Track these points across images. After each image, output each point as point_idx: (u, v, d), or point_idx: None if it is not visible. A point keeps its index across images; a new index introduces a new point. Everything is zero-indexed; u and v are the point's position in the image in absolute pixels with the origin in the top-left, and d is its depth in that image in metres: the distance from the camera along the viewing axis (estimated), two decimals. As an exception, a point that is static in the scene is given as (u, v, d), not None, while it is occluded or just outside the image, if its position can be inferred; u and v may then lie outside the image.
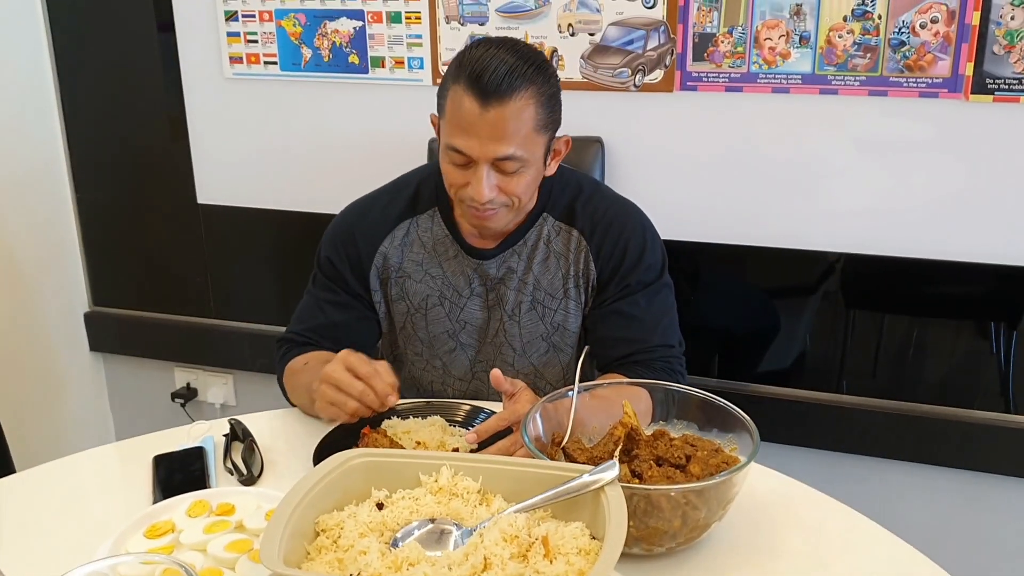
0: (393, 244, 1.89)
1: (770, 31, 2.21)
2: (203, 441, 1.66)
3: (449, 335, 1.91)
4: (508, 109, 1.62)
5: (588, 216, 1.85)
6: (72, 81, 2.95)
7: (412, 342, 1.94)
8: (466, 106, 1.62)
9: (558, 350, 1.91)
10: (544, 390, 1.91)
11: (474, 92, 1.61)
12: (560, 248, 1.86)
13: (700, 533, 1.33)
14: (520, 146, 1.65)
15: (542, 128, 1.68)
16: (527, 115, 1.64)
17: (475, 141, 1.64)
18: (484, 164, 1.66)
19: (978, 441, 2.37)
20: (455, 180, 1.72)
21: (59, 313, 3.14)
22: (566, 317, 1.88)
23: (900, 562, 1.36)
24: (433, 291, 1.89)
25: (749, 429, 1.40)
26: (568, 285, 1.86)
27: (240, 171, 2.83)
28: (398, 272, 1.90)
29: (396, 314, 1.93)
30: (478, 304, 1.90)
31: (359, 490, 1.27)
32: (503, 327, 1.89)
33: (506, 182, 1.69)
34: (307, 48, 2.60)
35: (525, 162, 1.68)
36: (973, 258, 2.26)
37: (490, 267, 1.87)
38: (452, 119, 1.66)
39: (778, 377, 2.53)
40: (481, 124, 1.62)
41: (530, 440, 1.37)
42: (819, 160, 2.29)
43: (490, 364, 1.91)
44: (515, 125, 1.63)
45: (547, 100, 1.67)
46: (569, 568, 1.10)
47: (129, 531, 1.35)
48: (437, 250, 1.89)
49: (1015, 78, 2.08)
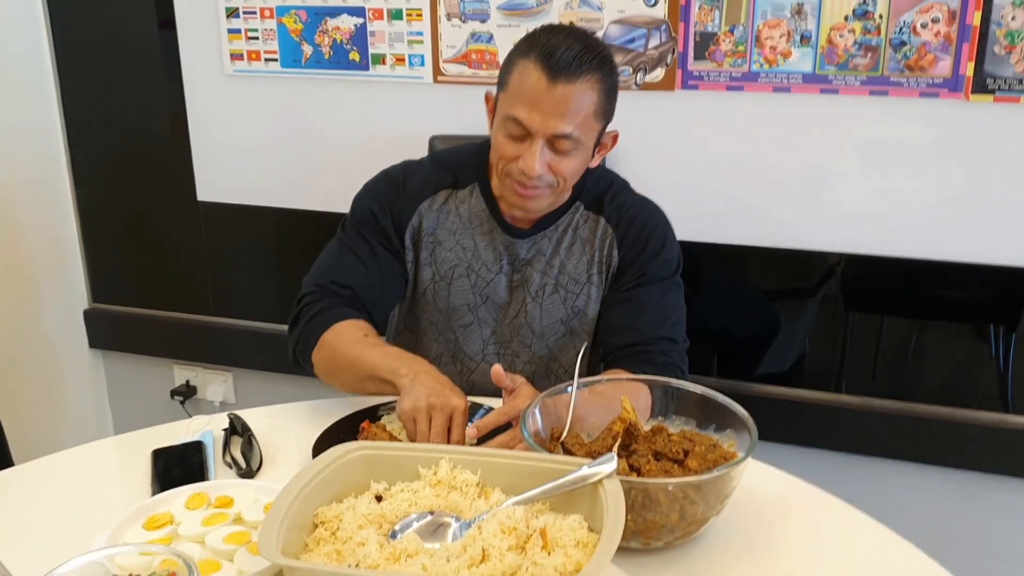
0: (431, 208, 1.92)
1: (771, 30, 2.21)
2: (202, 435, 1.66)
3: (469, 308, 1.93)
4: (574, 89, 1.66)
5: (616, 207, 1.91)
6: (73, 78, 2.95)
7: (430, 310, 1.95)
8: (533, 79, 1.66)
9: (575, 335, 1.93)
10: (557, 374, 1.94)
11: (544, 67, 1.65)
12: (587, 235, 1.90)
13: (698, 528, 1.33)
14: (578, 127, 1.70)
15: (600, 115, 1.74)
16: (589, 99, 1.69)
17: (537, 115, 1.68)
18: (540, 139, 1.70)
19: (977, 442, 2.37)
20: (507, 152, 1.74)
21: (59, 310, 3.14)
22: (587, 302, 1.91)
23: (898, 558, 1.36)
24: (462, 261, 1.91)
25: (747, 425, 1.40)
26: (592, 271, 1.90)
27: (240, 168, 2.84)
28: (431, 237, 1.92)
29: (421, 279, 1.94)
30: (503, 283, 1.92)
31: (358, 483, 1.27)
32: (525, 308, 1.91)
33: (557, 161, 1.73)
34: (308, 45, 2.61)
35: (579, 144, 1.73)
36: (972, 259, 2.26)
37: (521, 247, 1.90)
38: (516, 91, 1.70)
39: (778, 378, 2.53)
40: (546, 99, 1.66)
41: (529, 435, 1.37)
42: (819, 160, 2.30)
43: (504, 345, 1.94)
44: (577, 106, 1.68)
45: (608, 90, 1.73)
46: (567, 560, 1.10)
47: (127, 523, 1.35)
48: (472, 222, 1.91)
49: (1016, 78, 2.08)
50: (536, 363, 1.94)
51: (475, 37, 2.45)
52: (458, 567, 1.09)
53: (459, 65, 2.49)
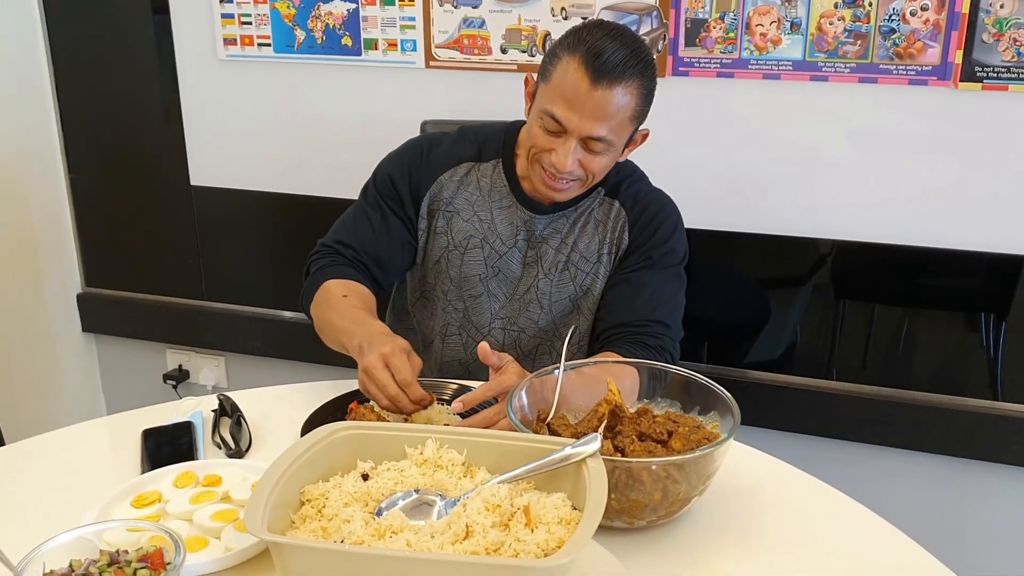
0: (452, 179, 1.95)
1: (761, 17, 2.22)
2: (192, 416, 1.68)
3: (480, 279, 1.96)
4: (614, 93, 1.69)
5: (632, 194, 1.95)
6: (66, 63, 2.95)
7: (442, 279, 1.98)
8: (576, 79, 1.69)
9: (580, 313, 1.96)
10: (559, 350, 1.94)
11: (588, 68, 1.68)
12: (601, 216, 1.94)
13: (681, 507, 1.35)
14: (612, 131, 1.73)
15: (635, 119, 1.77)
16: (627, 104, 1.72)
17: (575, 115, 1.71)
18: (575, 138, 1.73)
19: (965, 429, 2.39)
20: (541, 144, 1.78)
21: (52, 294, 3.15)
22: (595, 281, 1.94)
23: (879, 541, 1.38)
24: (477, 232, 1.94)
25: (731, 407, 1.41)
26: (603, 251, 1.93)
27: (233, 153, 2.84)
28: (448, 206, 1.95)
29: (435, 247, 1.97)
30: (517, 258, 1.95)
31: (345, 462, 1.29)
32: (537, 284, 1.94)
33: (588, 159, 1.77)
34: (301, 30, 2.61)
35: (612, 146, 1.76)
36: (963, 246, 2.27)
37: (539, 223, 1.93)
38: (557, 87, 1.72)
39: (770, 365, 2.55)
40: (586, 100, 1.69)
41: (515, 415, 1.38)
42: (809, 147, 2.31)
43: (511, 320, 1.97)
44: (615, 110, 1.71)
45: (647, 94, 1.76)
46: (550, 537, 1.11)
47: (115, 500, 1.36)
48: (492, 196, 1.95)
49: (1003, 66, 2.09)
50: (540, 338, 1.97)
51: (467, 22, 2.46)
52: (442, 543, 1.11)
53: (451, 50, 2.50)
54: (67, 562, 1.12)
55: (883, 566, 1.33)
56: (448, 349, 2.01)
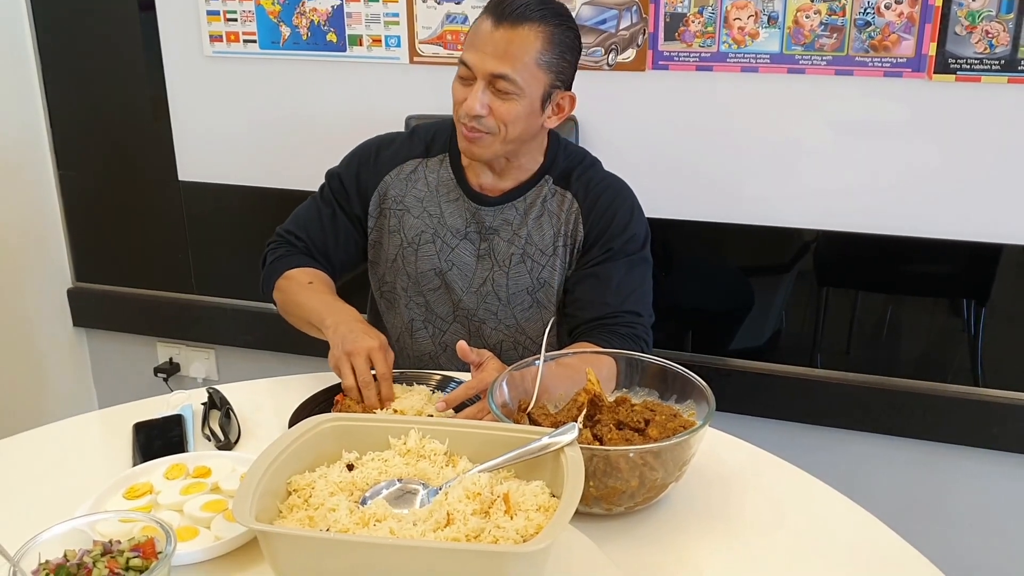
0: (398, 177, 2.00)
1: (739, 11, 2.25)
2: (182, 409, 1.70)
3: (436, 273, 2.00)
4: (516, 33, 1.77)
5: (583, 183, 1.97)
6: (54, 60, 2.97)
7: (400, 276, 2.03)
8: (481, 26, 1.79)
9: (541, 306, 1.98)
10: (524, 345, 2.01)
11: (491, 14, 1.78)
12: (554, 208, 1.96)
13: (658, 493, 1.38)
14: (517, 71, 1.78)
15: (544, 66, 1.80)
16: (531, 45, 1.78)
17: (478, 55, 1.78)
18: (481, 80, 1.79)
19: (947, 414, 2.42)
20: (458, 96, 1.84)
21: (42, 289, 3.17)
22: (552, 274, 1.96)
23: (852, 525, 1.42)
24: (428, 228, 1.99)
25: (706, 396, 1.45)
26: (557, 243, 1.96)
27: (221, 148, 2.87)
28: (398, 205, 2.00)
29: (390, 246, 2.02)
30: (469, 249, 1.98)
31: (330, 452, 1.32)
32: (492, 276, 1.98)
33: (497, 105, 1.80)
34: (286, 27, 2.64)
35: (519, 90, 1.80)
36: (942, 235, 2.30)
37: (487, 214, 1.96)
38: (468, 39, 1.82)
39: (754, 352, 2.58)
40: (488, 41, 1.78)
41: (496, 406, 1.42)
42: (789, 138, 2.34)
43: (471, 312, 2.00)
44: (517, 50, 1.77)
45: (556, 43, 1.80)
46: (528, 523, 1.15)
47: (108, 492, 1.39)
48: (440, 191, 1.99)
49: (976, 58, 2.13)
50: (503, 332, 2.00)
51: (450, 18, 2.48)
52: (424, 530, 1.15)
53: (434, 46, 2.52)
54: (62, 552, 1.15)
55: (857, 551, 1.36)
56: (417, 344, 2.05)
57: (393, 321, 2.08)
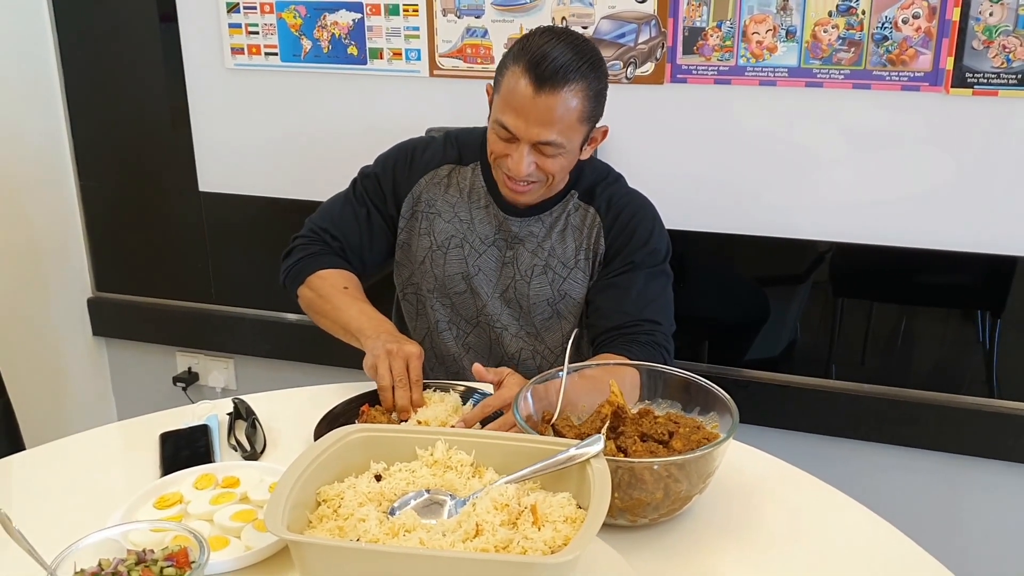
0: (433, 181, 2.03)
1: (757, 25, 2.27)
2: (207, 419, 1.72)
3: (462, 277, 2.02)
4: (558, 99, 1.74)
5: (606, 198, 1.99)
6: (76, 71, 3.00)
7: (428, 278, 2.05)
8: (520, 88, 1.75)
9: (561, 317, 2.01)
10: (543, 354, 2.04)
11: (531, 76, 1.74)
12: (577, 222, 1.99)
13: (682, 505, 1.40)
14: (562, 134, 1.78)
15: (585, 120, 1.81)
16: (574, 107, 1.77)
17: (522, 122, 1.77)
18: (526, 144, 1.79)
19: (962, 425, 2.42)
20: (497, 150, 1.85)
21: (63, 299, 3.19)
22: (573, 286, 1.99)
23: (875, 537, 1.42)
24: (457, 232, 2.01)
25: (729, 408, 1.46)
26: (579, 256, 1.98)
27: (241, 160, 2.89)
28: (431, 208, 2.02)
29: (419, 248, 2.04)
30: (495, 256, 2.01)
31: (358, 463, 1.33)
32: (514, 285, 2.00)
33: (543, 161, 1.83)
34: (307, 40, 2.66)
35: (564, 148, 1.81)
36: (958, 247, 2.31)
37: (514, 224, 1.99)
38: (505, 97, 1.79)
39: (769, 363, 2.58)
40: (531, 107, 1.75)
41: (521, 418, 1.43)
42: (806, 151, 2.35)
43: (496, 317, 2.03)
44: (561, 114, 1.76)
45: (595, 95, 1.80)
46: (556, 535, 1.16)
47: (139, 502, 1.41)
48: (471, 197, 2.01)
49: (993, 72, 2.14)
50: (523, 340, 2.03)
51: (470, 32, 2.50)
52: (453, 541, 1.16)
53: (454, 59, 2.55)
54: (96, 562, 1.17)
55: (878, 561, 1.37)
56: (442, 344, 2.08)
57: (418, 322, 2.11)
